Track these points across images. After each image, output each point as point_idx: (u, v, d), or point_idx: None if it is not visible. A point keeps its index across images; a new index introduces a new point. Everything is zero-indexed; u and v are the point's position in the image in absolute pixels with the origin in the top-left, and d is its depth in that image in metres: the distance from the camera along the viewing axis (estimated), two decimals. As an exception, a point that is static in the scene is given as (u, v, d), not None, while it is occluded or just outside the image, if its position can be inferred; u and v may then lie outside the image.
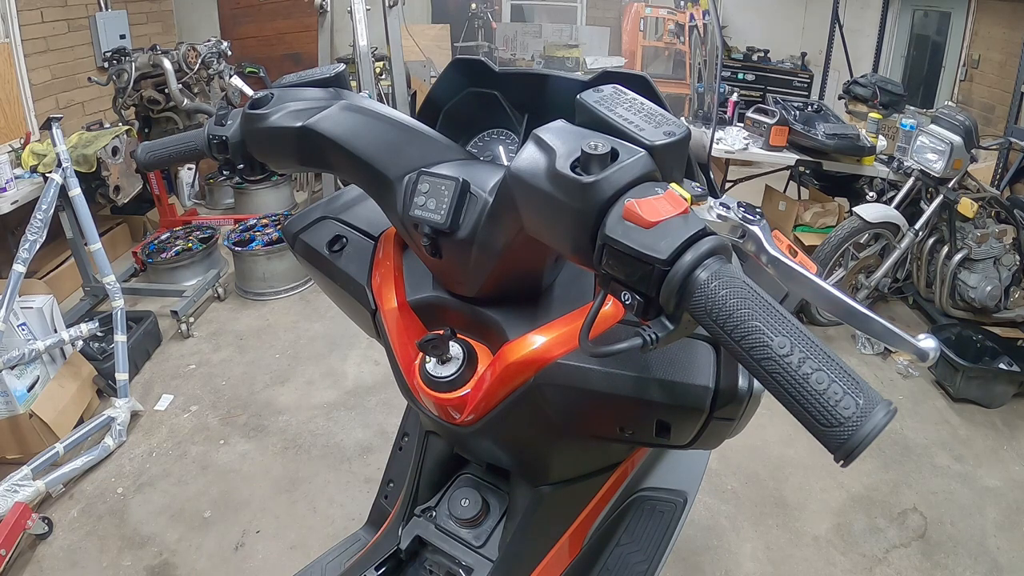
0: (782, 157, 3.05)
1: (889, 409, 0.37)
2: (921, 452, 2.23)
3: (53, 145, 2.40)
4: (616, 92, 0.54)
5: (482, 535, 0.75)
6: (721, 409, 0.57)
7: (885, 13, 4.65)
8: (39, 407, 2.06)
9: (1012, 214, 2.72)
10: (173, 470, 2.09)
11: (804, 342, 0.39)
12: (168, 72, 3.14)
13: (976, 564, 1.81)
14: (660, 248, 0.42)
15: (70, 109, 3.47)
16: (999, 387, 2.44)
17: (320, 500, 1.97)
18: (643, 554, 0.86)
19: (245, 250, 3.04)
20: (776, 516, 1.95)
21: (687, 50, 5.02)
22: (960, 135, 2.50)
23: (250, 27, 4.77)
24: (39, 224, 2.19)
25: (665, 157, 0.48)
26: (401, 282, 0.72)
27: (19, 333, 2.13)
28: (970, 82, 3.93)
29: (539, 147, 0.50)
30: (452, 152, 0.66)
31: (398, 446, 1.07)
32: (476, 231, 0.60)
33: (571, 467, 0.73)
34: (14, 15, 3.08)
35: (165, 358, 2.69)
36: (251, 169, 0.74)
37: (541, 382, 0.60)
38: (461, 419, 0.66)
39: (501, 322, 0.65)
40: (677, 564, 1.76)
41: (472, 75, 0.81)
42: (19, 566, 1.73)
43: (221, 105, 0.80)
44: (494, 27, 5.77)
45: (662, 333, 0.44)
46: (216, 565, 1.76)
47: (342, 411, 2.37)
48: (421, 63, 4.67)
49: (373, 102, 0.70)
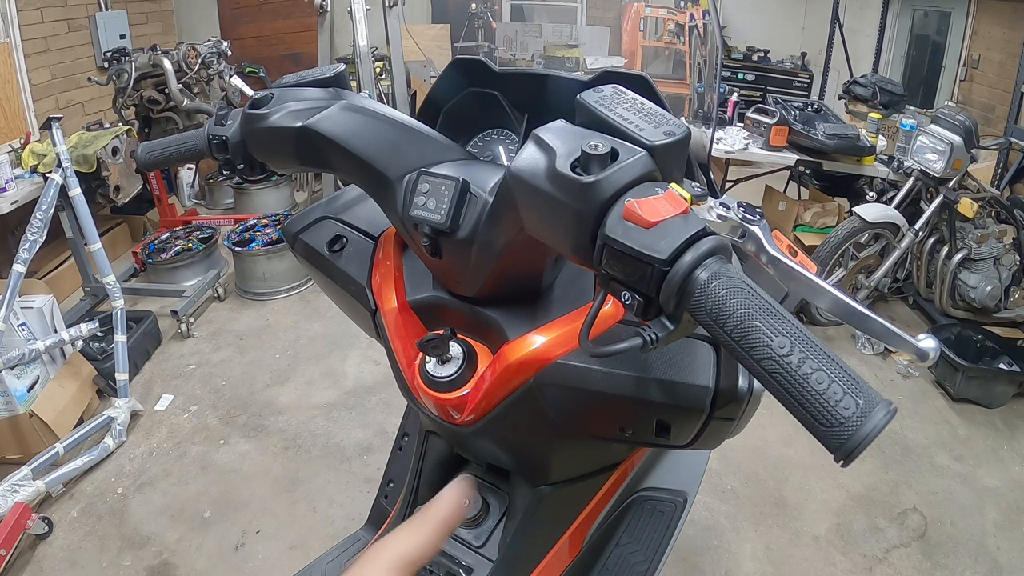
0: (782, 157, 3.05)
1: (889, 409, 0.37)
2: (921, 452, 2.23)
3: (53, 145, 2.40)
4: (616, 92, 0.54)
5: (482, 535, 0.74)
6: (721, 409, 0.56)
7: (885, 13, 4.65)
8: (39, 407, 2.06)
9: (1012, 214, 2.72)
10: (173, 470, 2.09)
11: (804, 342, 0.39)
12: (168, 72, 3.14)
13: (976, 564, 1.81)
14: (660, 248, 0.42)
15: (70, 109, 3.48)
16: (999, 387, 2.44)
17: (320, 500, 1.97)
18: (643, 554, 0.86)
19: (245, 250, 3.04)
20: (776, 516, 1.95)
21: (687, 50, 5.02)
22: (960, 135, 2.50)
23: (250, 27, 4.77)
24: (39, 224, 2.19)
25: (665, 157, 0.48)
26: (401, 282, 0.72)
27: (19, 333, 2.13)
28: (970, 82, 3.93)
29: (539, 147, 0.50)
30: (452, 152, 0.66)
31: (398, 446, 1.07)
32: (476, 231, 0.60)
33: (571, 467, 0.73)
34: (14, 15, 3.08)
35: (165, 358, 2.69)
36: (251, 169, 0.74)
37: (541, 382, 0.60)
38: (461, 419, 0.66)
39: (501, 322, 0.65)
40: (677, 564, 1.76)
41: (472, 75, 0.81)
42: (19, 566, 1.73)
43: (221, 105, 0.80)
44: (494, 27, 5.77)
45: (662, 333, 0.44)
46: (216, 565, 1.76)
47: (342, 411, 2.37)
48: (421, 63, 4.67)
49: (373, 102, 0.70)
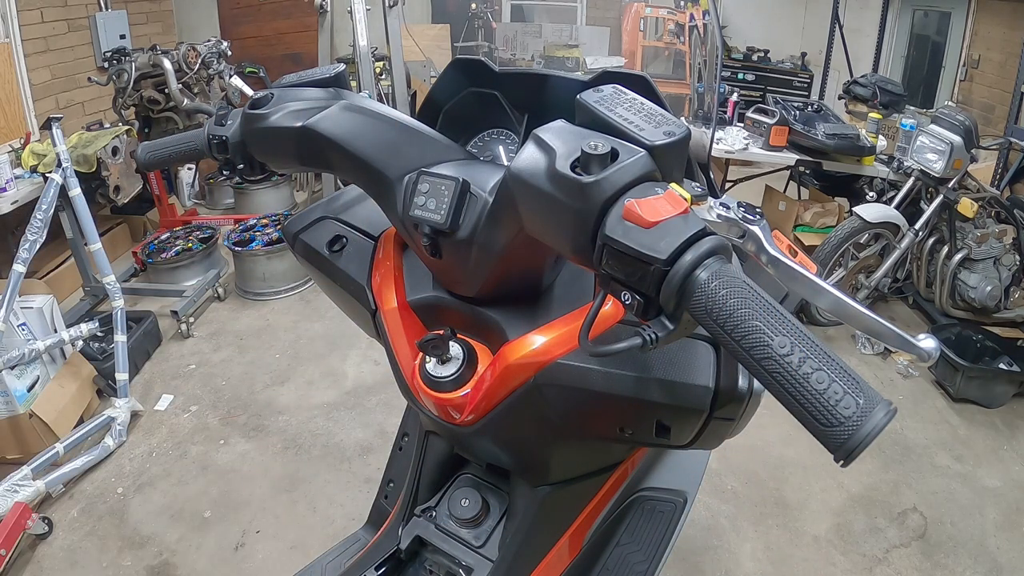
0: (782, 157, 3.05)
1: (889, 409, 0.37)
2: (921, 452, 2.23)
3: (53, 145, 2.39)
4: (616, 92, 0.54)
5: (482, 535, 0.75)
6: (721, 409, 0.56)
7: (885, 13, 4.65)
8: (39, 407, 2.06)
9: (1012, 214, 2.72)
10: (173, 470, 2.09)
11: (804, 342, 0.39)
12: (168, 72, 3.14)
13: (976, 564, 1.81)
14: (660, 248, 0.42)
15: (70, 109, 3.47)
16: (999, 387, 2.44)
17: (320, 500, 1.97)
18: (643, 554, 0.86)
19: (245, 250, 3.04)
20: (776, 516, 1.95)
21: (687, 50, 5.02)
22: (960, 135, 2.50)
23: (250, 27, 4.77)
24: (39, 224, 2.19)
25: (665, 157, 0.48)
26: (401, 282, 0.72)
27: (19, 333, 2.12)
28: (970, 82, 3.93)
29: (539, 147, 0.50)
30: (452, 152, 0.66)
31: (398, 446, 1.07)
32: (476, 231, 0.60)
33: (571, 467, 0.73)
34: (14, 15, 3.08)
35: (165, 358, 2.69)
36: (251, 169, 0.74)
37: (541, 382, 0.60)
38: (461, 419, 0.66)
39: (501, 322, 0.65)
40: (677, 564, 1.76)
41: (472, 75, 0.81)
42: (19, 566, 1.73)
43: (221, 105, 0.80)
44: (494, 27, 5.77)
45: (662, 333, 0.44)
46: (216, 565, 1.76)
47: (342, 411, 2.37)
48: (421, 63, 4.67)
49: (373, 102, 0.70)
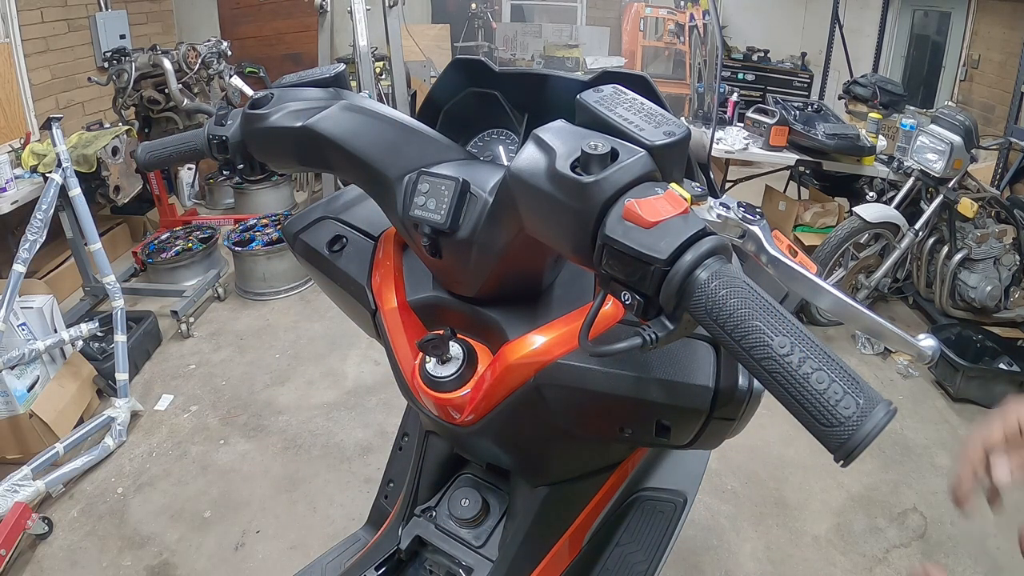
0: (782, 157, 3.05)
1: (889, 409, 0.37)
2: (921, 452, 2.23)
3: (53, 145, 2.39)
4: (616, 92, 0.54)
5: (482, 535, 0.75)
6: (721, 409, 0.57)
7: (885, 13, 4.65)
8: (39, 407, 2.06)
9: (1012, 214, 2.72)
10: (173, 470, 2.09)
11: (804, 342, 0.39)
12: (168, 72, 3.14)
13: (976, 564, 1.81)
14: (660, 248, 0.42)
15: (70, 109, 3.47)
16: (999, 387, 2.43)
17: (320, 500, 1.97)
18: (643, 554, 0.86)
19: (245, 250, 3.04)
20: (776, 516, 1.95)
21: (687, 50, 5.02)
22: (960, 135, 2.50)
23: (250, 27, 4.77)
24: (39, 224, 2.19)
25: (665, 157, 0.48)
26: (401, 282, 0.72)
27: (19, 333, 2.12)
28: (970, 82, 3.93)
29: (539, 147, 0.50)
30: (452, 152, 0.66)
31: (398, 446, 1.07)
32: (476, 231, 0.60)
33: (571, 467, 0.73)
34: (14, 15, 3.08)
35: (165, 358, 2.69)
36: (251, 169, 0.74)
37: (541, 382, 0.60)
38: (461, 419, 0.66)
39: (501, 322, 0.65)
40: (677, 564, 1.76)
41: (472, 75, 0.81)
42: (19, 566, 1.73)
43: (221, 105, 0.80)
44: (494, 27, 5.77)
45: (662, 333, 0.44)
46: (216, 565, 1.76)
47: (342, 411, 2.37)
48: (421, 63, 4.66)
49: (373, 102, 0.70)
